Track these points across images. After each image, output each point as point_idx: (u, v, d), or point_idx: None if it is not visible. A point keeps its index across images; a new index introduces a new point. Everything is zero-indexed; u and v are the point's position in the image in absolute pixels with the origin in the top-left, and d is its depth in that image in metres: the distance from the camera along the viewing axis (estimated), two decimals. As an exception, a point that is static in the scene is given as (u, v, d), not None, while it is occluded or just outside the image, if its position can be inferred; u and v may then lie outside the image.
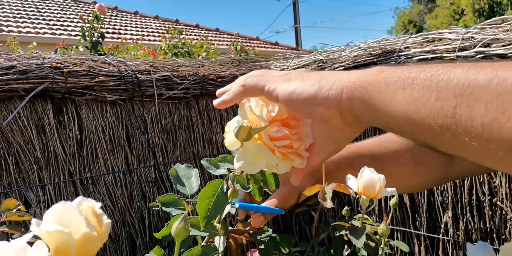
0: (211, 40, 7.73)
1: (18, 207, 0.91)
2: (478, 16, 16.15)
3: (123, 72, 1.54)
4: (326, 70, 1.47)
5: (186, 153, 1.70)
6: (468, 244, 0.74)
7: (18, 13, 8.53)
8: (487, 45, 1.17)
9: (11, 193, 1.31)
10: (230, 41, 7.92)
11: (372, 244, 0.72)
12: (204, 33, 9.01)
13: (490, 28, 1.24)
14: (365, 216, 0.79)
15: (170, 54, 4.09)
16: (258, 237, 0.96)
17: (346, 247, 0.75)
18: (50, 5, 9.83)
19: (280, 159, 0.51)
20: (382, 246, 0.75)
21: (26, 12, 8.76)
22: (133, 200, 1.53)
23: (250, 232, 0.74)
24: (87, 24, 3.82)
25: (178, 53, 4.16)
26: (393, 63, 1.35)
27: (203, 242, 0.67)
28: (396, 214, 1.51)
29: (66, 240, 0.35)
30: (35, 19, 8.35)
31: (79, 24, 7.52)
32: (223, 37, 10.09)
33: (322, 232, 0.75)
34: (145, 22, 10.21)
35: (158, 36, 8.41)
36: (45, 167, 1.38)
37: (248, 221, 0.75)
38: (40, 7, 9.47)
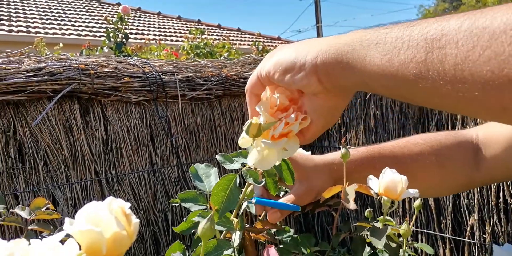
0: (233, 40, 7.76)
1: (47, 206, 0.93)
2: (505, 14, 15.75)
3: (148, 73, 1.57)
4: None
5: (209, 153, 1.72)
6: (495, 246, 0.72)
7: (45, 15, 8.73)
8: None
9: (40, 192, 1.34)
10: (252, 41, 7.95)
11: (393, 245, 0.71)
12: (226, 33, 9.04)
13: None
14: (388, 218, 0.79)
15: (192, 55, 4.12)
16: (280, 237, 0.96)
17: (368, 249, 0.75)
18: (76, 7, 10.04)
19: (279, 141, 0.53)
20: (404, 248, 0.74)
21: (53, 14, 8.97)
22: (157, 199, 1.56)
23: (269, 231, 0.75)
24: (112, 25, 3.88)
25: (200, 54, 4.19)
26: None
27: (221, 236, 0.67)
28: (421, 216, 1.49)
29: (97, 239, 0.36)
30: (61, 21, 8.54)
31: (104, 25, 7.65)
32: (245, 37, 10.12)
33: (343, 233, 0.75)
34: (168, 23, 10.32)
35: (181, 37, 8.48)
36: (72, 166, 1.41)
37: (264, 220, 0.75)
38: (66, 9, 9.67)
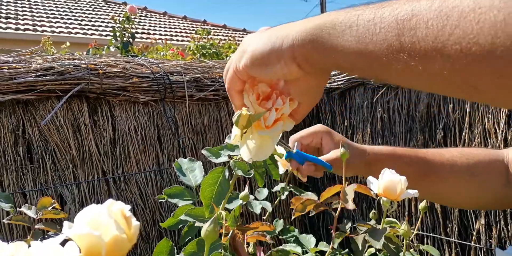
0: (238, 41, 7.77)
1: (53, 205, 0.94)
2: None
3: (156, 74, 1.57)
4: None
5: (215, 154, 1.72)
6: (497, 250, 0.72)
7: (52, 13, 8.76)
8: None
9: (48, 191, 1.35)
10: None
11: (393, 246, 0.71)
12: (232, 34, 9.05)
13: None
14: (394, 220, 0.79)
15: (199, 55, 4.13)
16: (284, 237, 0.96)
17: (372, 249, 0.75)
18: (82, 6, 10.07)
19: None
20: (404, 249, 0.74)
21: (59, 12, 9.00)
22: (164, 200, 1.56)
23: (272, 232, 0.75)
24: (118, 25, 3.89)
25: (206, 54, 4.20)
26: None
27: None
28: (427, 220, 1.49)
29: (96, 242, 0.36)
30: (68, 19, 8.56)
31: (110, 24, 7.67)
32: (250, 38, 10.10)
33: (343, 233, 0.75)
34: (174, 23, 10.33)
35: (186, 36, 8.50)
36: (80, 166, 1.42)
37: (265, 223, 0.75)
38: (73, 8, 9.71)
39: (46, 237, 0.81)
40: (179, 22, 10.55)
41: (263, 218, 0.84)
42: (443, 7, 0.32)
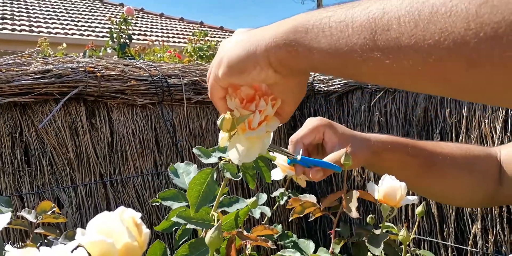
0: (235, 43, 7.76)
1: (53, 209, 0.93)
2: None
3: (154, 77, 1.57)
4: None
5: (213, 157, 1.72)
6: None
7: (48, 14, 8.74)
8: None
9: (45, 194, 1.35)
10: (254, 44, 7.92)
11: (392, 252, 0.71)
12: (229, 36, 9.06)
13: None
14: (391, 224, 0.79)
15: (196, 56, 4.13)
16: (282, 242, 0.96)
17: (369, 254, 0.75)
18: (79, 7, 10.04)
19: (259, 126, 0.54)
20: (403, 254, 0.74)
21: (56, 13, 8.97)
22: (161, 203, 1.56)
23: (271, 237, 0.74)
24: (115, 26, 3.88)
25: (204, 56, 4.20)
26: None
27: (203, 233, 0.66)
28: (424, 224, 1.49)
29: (109, 250, 0.37)
30: (64, 20, 8.54)
31: (106, 25, 7.66)
32: (247, 39, 10.12)
33: (342, 238, 0.75)
34: (170, 24, 10.32)
35: (183, 38, 8.49)
36: (77, 169, 1.42)
37: (267, 226, 0.75)
38: (69, 9, 9.68)
39: (46, 242, 0.81)
40: (176, 24, 10.55)
41: (262, 223, 0.83)
42: (414, 3, 0.32)
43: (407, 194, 0.76)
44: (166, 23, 10.36)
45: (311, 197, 0.76)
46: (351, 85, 1.76)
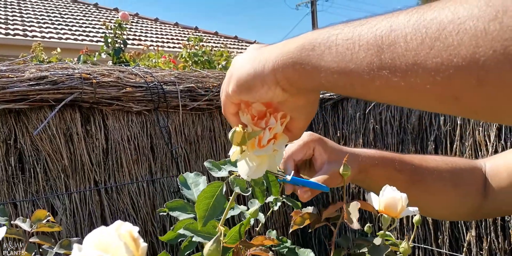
0: (230, 48, 7.79)
1: (48, 218, 0.93)
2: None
3: (149, 83, 1.57)
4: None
5: (208, 164, 1.72)
6: None
7: (42, 19, 8.71)
8: None
9: (39, 201, 1.34)
10: (249, 49, 7.94)
11: None
12: (223, 41, 9.08)
13: None
14: (388, 233, 0.79)
15: (191, 62, 4.13)
16: (277, 248, 0.96)
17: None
18: (73, 11, 10.03)
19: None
20: None
21: (50, 18, 8.95)
22: (156, 210, 1.55)
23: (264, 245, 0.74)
24: (110, 31, 3.88)
25: (199, 61, 4.20)
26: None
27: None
28: (418, 231, 1.50)
29: None
30: (58, 25, 8.52)
31: (101, 30, 7.65)
32: (242, 45, 10.15)
33: (342, 249, 0.75)
34: (165, 29, 10.33)
35: (178, 43, 8.50)
36: (72, 176, 1.41)
37: (268, 237, 0.75)
38: (63, 13, 9.66)
39: (41, 251, 0.80)
40: (171, 29, 10.56)
41: (256, 229, 0.83)
42: (421, 20, 0.32)
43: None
44: (161, 28, 10.37)
45: (310, 209, 0.77)
46: (346, 93, 1.77)
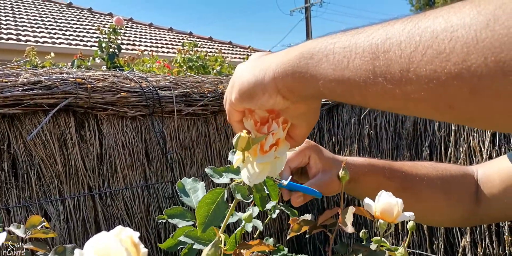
0: (225, 53, 7.79)
1: (43, 224, 0.92)
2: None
3: (144, 88, 1.57)
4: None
5: (203, 169, 1.71)
6: None
7: (36, 23, 8.68)
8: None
9: (32, 207, 1.32)
10: (243, 55, 7.97)
11: None
12: (218, 46, 9.09)
13: None
14: (382, 239, 0.79)
15: (185, 67, 4.13)
16: (273, 256, 0.95)
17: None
18: (67, 16, 10.00)
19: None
20: None
21: (44, 22, 8.91)
22: (150, 216, 1.54)
23: (263, 251, 0.74)
24: (104, 35, 3.87)
25: (193, 67, 4.20)
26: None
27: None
28: (413, 237, 1.50)
29: None
30: (52, 29, 8.48)
31: (95, 35, 7.63)
32: (236, 51, 10.17)
33: (339, 255, 0.75)
34: (160, 34, 10.32)
35: (172, 48, 8.49)
36: (66, 181, 1.40)
37: (264, 242, 0.75)
38: (57, 18, 9.63)
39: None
40: (165, 34, 10.56)
41: (253, 236, 0.83)
42: (416, 29, 0.33)
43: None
44: (155, 33, 10.36)
45: (306, 216, 0.77)
46: (341, 98, 1.78)
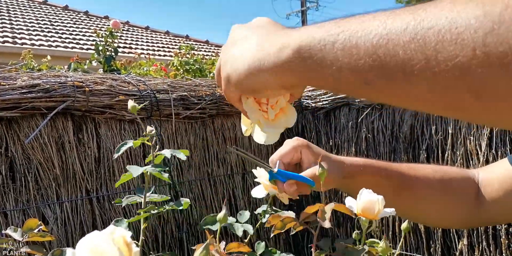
0: (221, 57, 7.79)
1: (40, 227, 0.92)
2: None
3: (142, 92, 1.57)
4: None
5: (201, 173, 1.71)
6: None
7: (32, 26, 8.66)
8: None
9: (29, 210, 1.32)
10: (239, 58, 7.97)
11: None
12: (214, 49, 9.11)
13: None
14: (376, 240, 0.79)
15: (182, 70, 4.13)
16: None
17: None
18: (63, 19, 9.99)
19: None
20: None
21: (40, 25, 8.90)
22: (148, 219, 1.54)
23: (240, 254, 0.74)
24: (101, 39, 3.87)
25: (190, 70, 4.20)
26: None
27: None
28: (410, 240, 1.50)
29: None
30: (48, 32, 8.47)
31: (91, 38, 7.62)
32: (232, 53, 10.16)
33: (323, 251, 0.75)
34: (156, 37, 10.33)
35: (169, 51, 8.50)
36: (63, 184, 1.39)
37: (242, 243, 0.74)
38: (53, 21, 9.62)
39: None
40: (162, 37, 10.57)
41: (244, 241, 0.83)
42: (419, 29, 0.32)
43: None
44: (152, 36, 10.37)
45: (290, 213, 0.77)
46: (339, 102, 1.78)
